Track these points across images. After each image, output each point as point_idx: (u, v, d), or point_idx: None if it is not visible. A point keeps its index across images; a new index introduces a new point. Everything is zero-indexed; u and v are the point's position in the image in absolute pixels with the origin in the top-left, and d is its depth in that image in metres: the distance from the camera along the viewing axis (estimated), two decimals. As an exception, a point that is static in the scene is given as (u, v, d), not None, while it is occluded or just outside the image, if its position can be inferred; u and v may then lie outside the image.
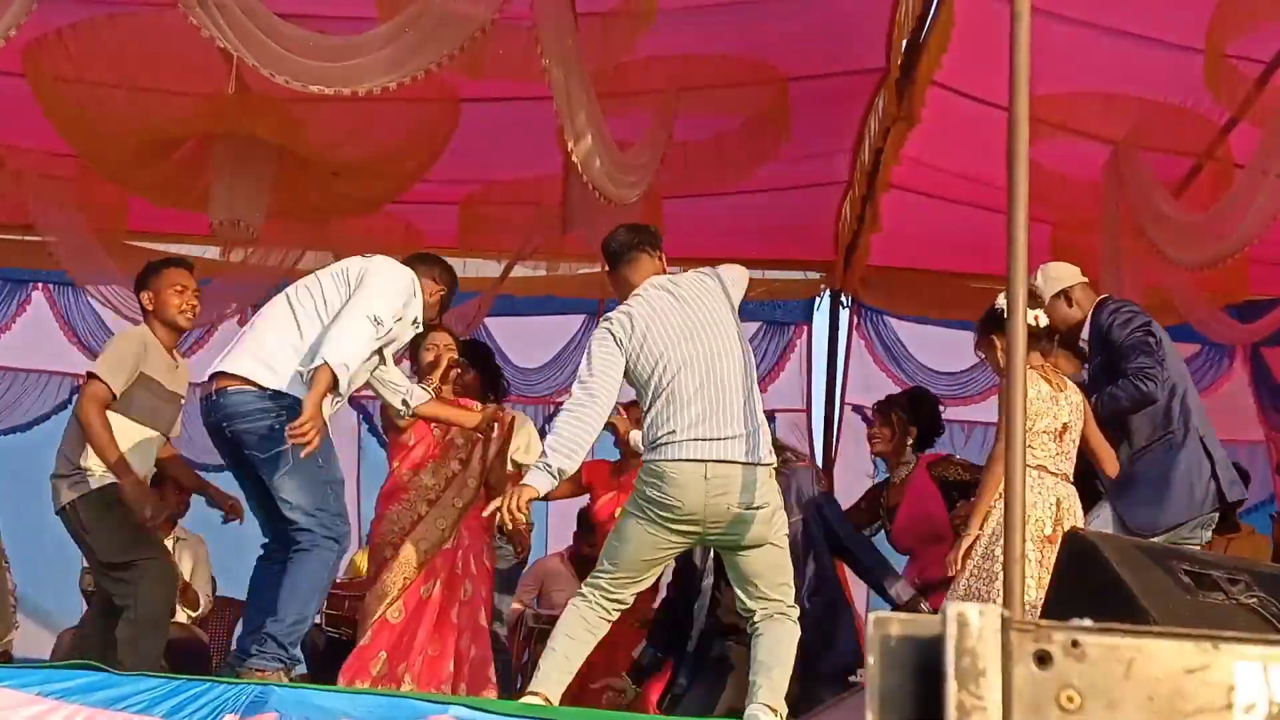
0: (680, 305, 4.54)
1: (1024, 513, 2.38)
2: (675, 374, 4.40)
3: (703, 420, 4.34)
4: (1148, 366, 5.23)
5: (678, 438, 4.33)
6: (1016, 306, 2.53)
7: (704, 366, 4.41)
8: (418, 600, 5.43)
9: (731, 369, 4.44)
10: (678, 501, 4.30)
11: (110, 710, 3.82)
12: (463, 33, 5.11)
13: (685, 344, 4.44)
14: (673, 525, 4.35)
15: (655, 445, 4.38)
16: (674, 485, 4.31)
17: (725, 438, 4.34)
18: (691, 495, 4.29)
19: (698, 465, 4.31)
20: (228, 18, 4.88)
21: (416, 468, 5.62)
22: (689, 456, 4.31)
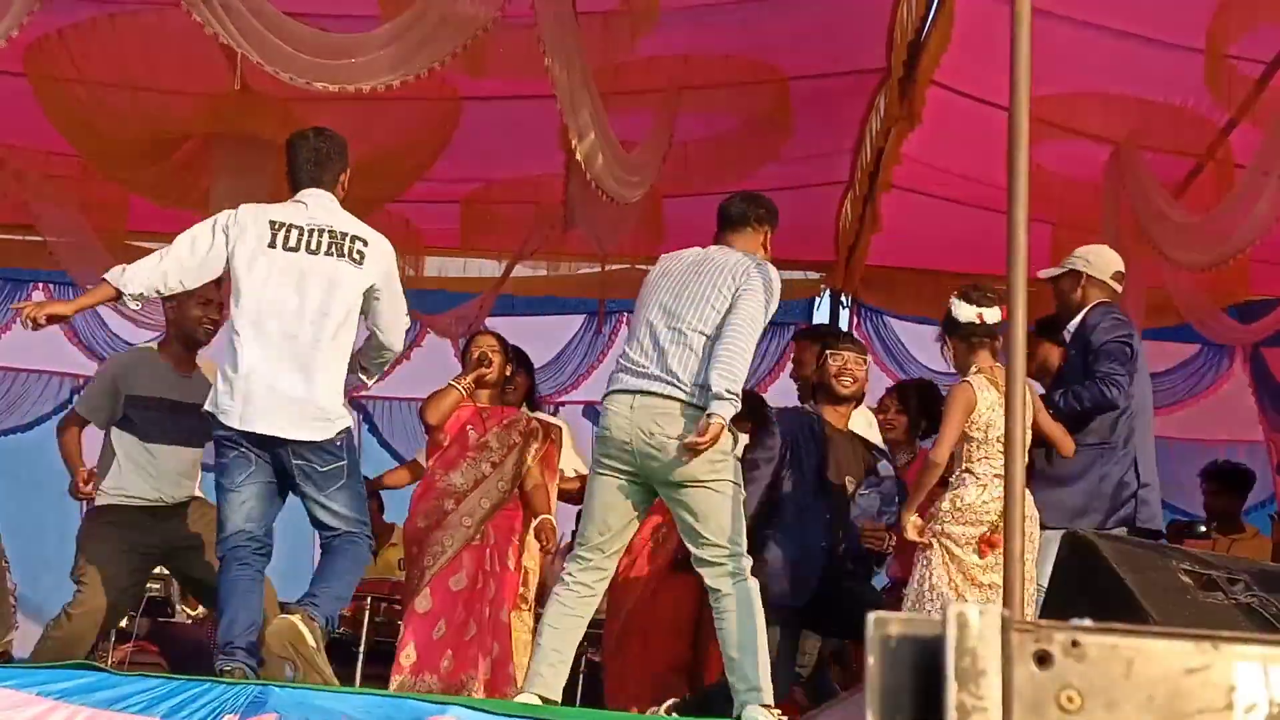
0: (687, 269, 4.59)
1: (1024, 512, 2.39)
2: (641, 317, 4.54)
3: (638, 356, 4.44)
4: (1116, 373, 5.23)
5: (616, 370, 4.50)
6: (1017, 306, 2.54)
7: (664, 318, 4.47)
8: (446, 591, 5.47)
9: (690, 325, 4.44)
10: (606, 430, 4.39)
11: (110, 710, 3.82)
12: (465, 31, 5.12)
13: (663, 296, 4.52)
14: (610, 461, 4.39)
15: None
16: (605, 416, 4.43)
17: (655, 375, 4.38)
18: (618, 424, 4.36)
19: (625, 395, 4.39)
20: (231, 15, 4.89)
21: (449, 467, 5.65)
22: (616, 388, 4.44)
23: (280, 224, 4.59)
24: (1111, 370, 5.23)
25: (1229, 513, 7.20)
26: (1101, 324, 5.34)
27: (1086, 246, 5.72)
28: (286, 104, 6.43)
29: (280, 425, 4.42)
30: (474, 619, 5.45)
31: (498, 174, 7.79)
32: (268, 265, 4.50)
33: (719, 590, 4.34)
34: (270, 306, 4.47)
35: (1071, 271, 5.54)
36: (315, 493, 4.50)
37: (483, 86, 6.47)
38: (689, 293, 4.47)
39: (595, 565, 4.45)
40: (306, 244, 4.57)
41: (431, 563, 5.52)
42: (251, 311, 4.47)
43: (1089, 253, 5.64)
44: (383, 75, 5.06)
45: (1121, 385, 5.21)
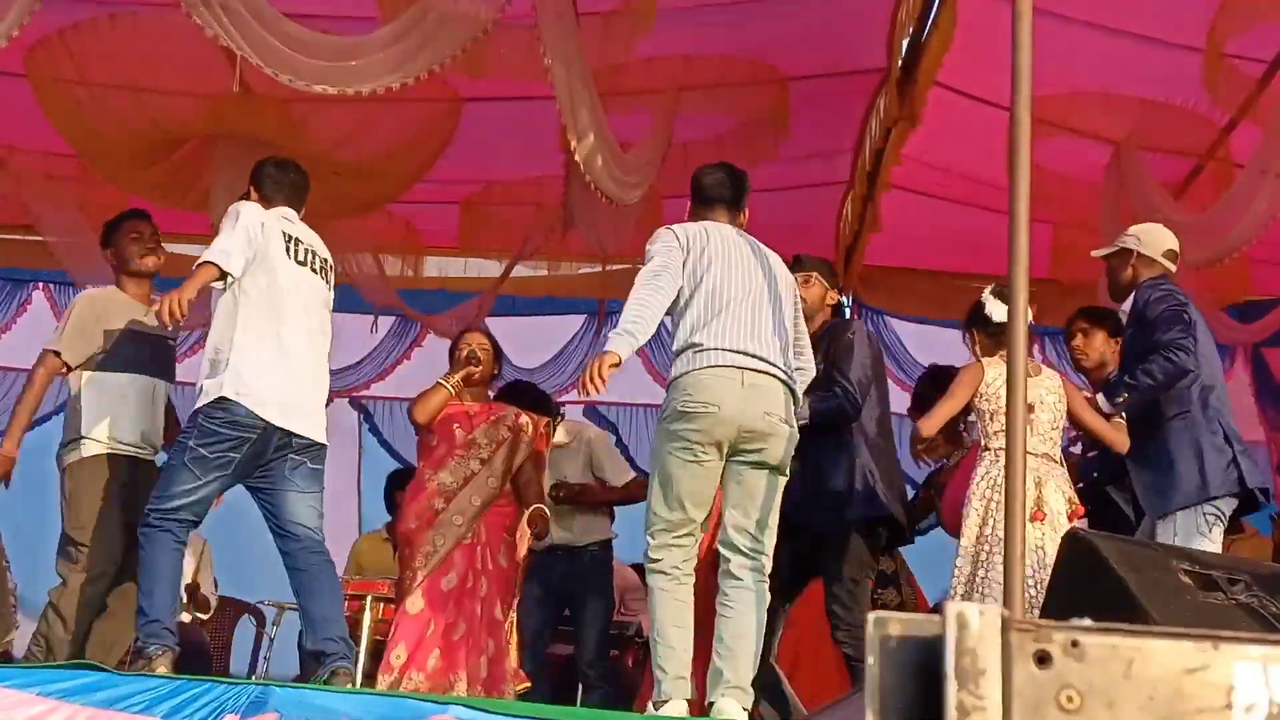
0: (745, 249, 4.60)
1: (1024, 513, 2.39)
2: (720, 290, 4.44)
3: (742, 336, 4.40)
4: (1180, 339, 5.02)
5: (712, 345, 4.37)
6: (1018, 306, 2.54)
7: (751, 297, 4.47)
8: (437, 591, 5.47)
9: (769, 306, 4.50)
10: (714, 406, 4.27)
11: (111, 710, 3.82)
12: (465, 33, 5.12)
13: (738, 273, 4.49)
14: (704, 439, 4.28)
15: (688, 353, 4.41)
16: (703, 390, 4.30)
17: (762, 356, 4.39)
18: (729, 399, 4.28)
19: (735, 371, 4.33)
20: (231, 17, 4.89)
21: (437, 466, 5.65)
22: (726, 363, 4.34)
23: (289, 236, 4.81)
24: (1174, 338, 5.03)
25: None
26: (1153, 296, 5.18)
27: (1139, 225, 5.57)
28: (286, 105, 6.44)
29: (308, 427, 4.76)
30: (464, 618, 5.44)
31: (498, 175, 7.79)
32: (288, 273, 4.75)
33: (742, 581, 4.32)
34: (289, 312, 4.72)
35: (1122, 250, 5.38)
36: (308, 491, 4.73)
37: (483, 87, 6.47)
38: (767, 286, 4.52)
39: (691, 552, 4.39)
40: (310, 262, 4.87)
41: (423, 563, 5.52)
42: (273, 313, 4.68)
43: (1140, 231, 5.47)
44: (383, 77, 5.06)
45: (1188, 348, 5.01)
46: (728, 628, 4.29)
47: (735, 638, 4.26)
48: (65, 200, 7.65)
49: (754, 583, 4.33)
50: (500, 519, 5.65)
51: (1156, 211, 6.47)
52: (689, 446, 4.29)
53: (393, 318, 9.29)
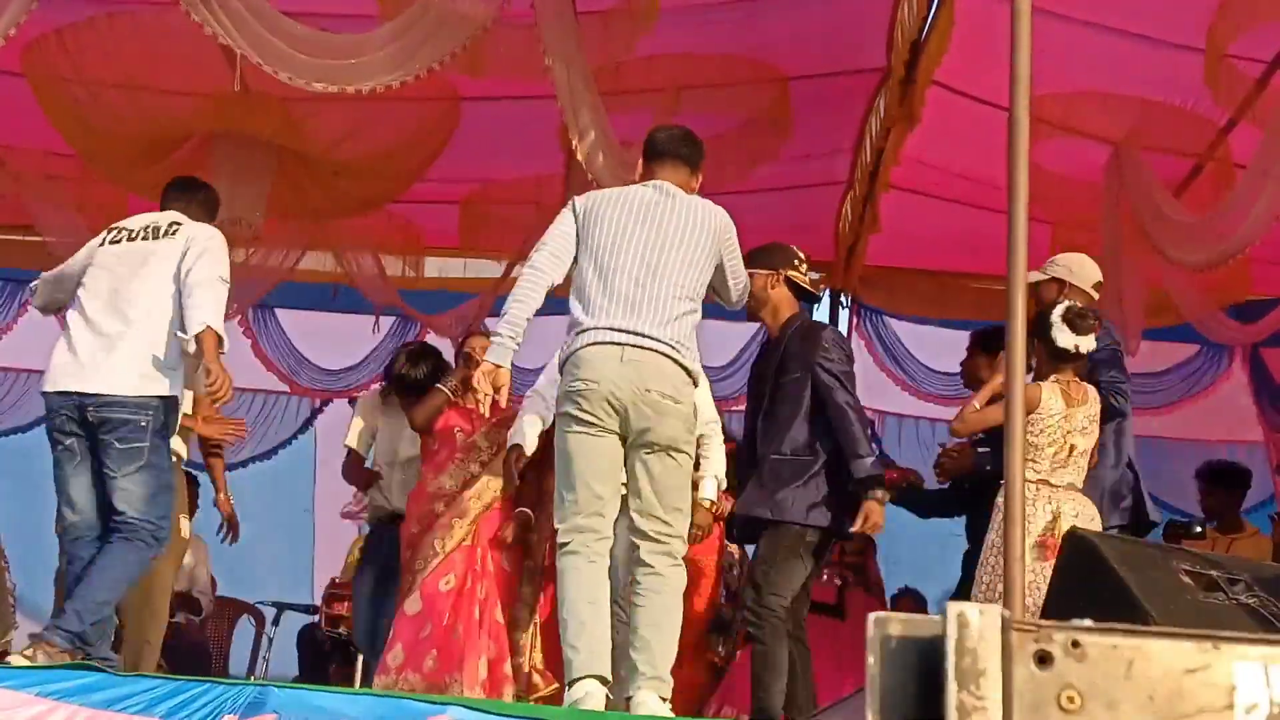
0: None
1: (1024, 513, 2.39)
2: (606, 260, 4.36)
3: (624, 310, 4.29)
4: (1119, 380, 5.21)
5: (591, 324, 4.31)
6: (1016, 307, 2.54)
7: (645, 263, 4.34)
8: (435, 593, 5.46)
9: (676, 286, 4.35)
10: (592, 383, 4.21)
11: (110, 711, 3.82)
12: (465, 31, 5.12)
13: (635, 239, 4.37)
14: (590, 417, 4.21)
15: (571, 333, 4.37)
16: (584, 367, 4.25)
17: (643, 332, 4.26)
18: (608, 375, 4.20)
19: (612, 347, 4.25)
20: (230, 15, 4.89)
21: (438, 470, 5.65)
22: (597, 340, 4.26)
23: (113, 228, 5.07)
24: (1115, 378, 5.20)
25: (1227, 511, 7.19)
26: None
27: (1067, 254, 5.70)
28: (286, 104, 6.43)
29: (102, 381, 4.72)
30: (461, 621, 5.43)
31: (498, 174, 7.78)
32: (98, 260, 4.94)
33: (652, 567, 4.24)
34: (95, 289, 4.88)
35: (1054, 279, 5.50)
36: (119, 473, 4.68)
37: (482, 86, 6.47)
38: (671, 249, 4.37)
39: (602, 533, 4.28)
40: (124, 237, 5.01)
41: (423, 565, 5.51)
42: (78, 300, 4.92)
43: (1071, 261, 5.60)
44: (382, 75, 5.06)
45: (1127, 393, 5.21)
46: (641, 616, 4.20)
47: (649, 626, 4.18)
48: (65, 200, 7.64)
49: (669, 567, 4.25)
50: (500, 522, 5.65)
51: (1157, 212, 6.47)
52: (577, 420, 4.25)
53: (393, 318, 9.29)
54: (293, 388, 9.53)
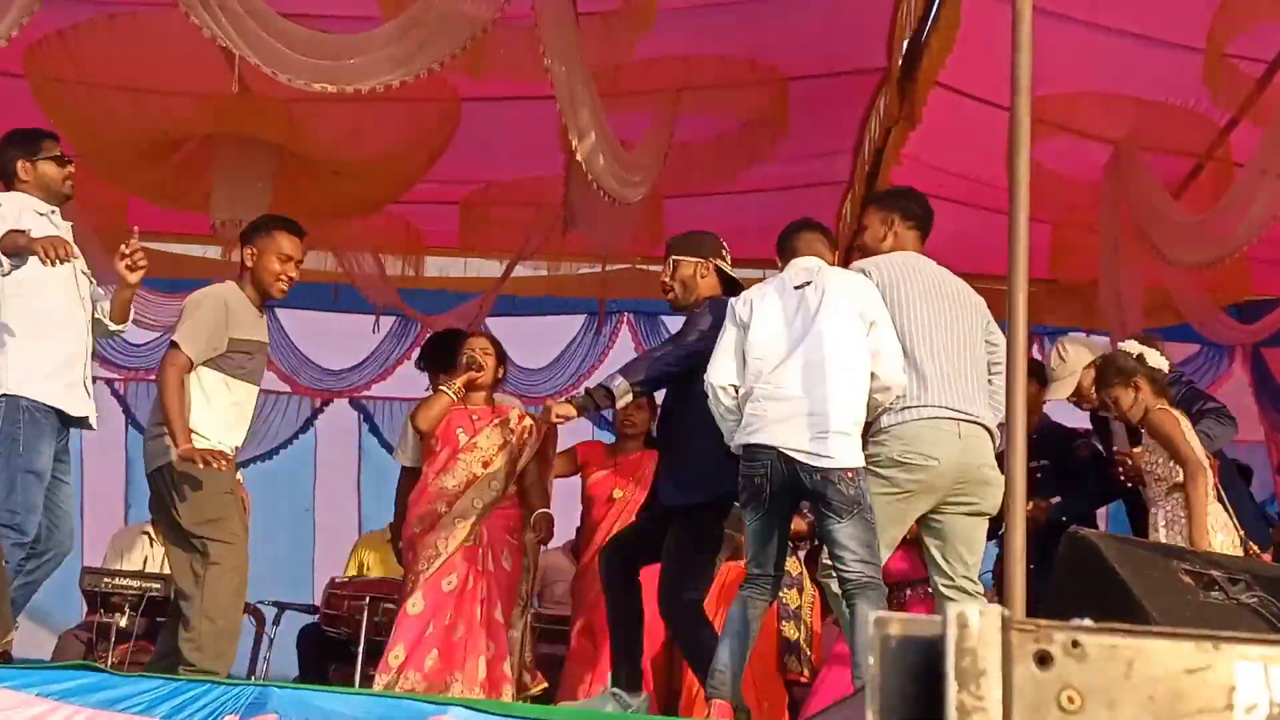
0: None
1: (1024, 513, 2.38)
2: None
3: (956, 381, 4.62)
4: (1221, 406, 5.70)
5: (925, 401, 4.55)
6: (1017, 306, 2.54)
7: (955, 344, 4.67)
8: (438, 593, 5.48)
9: (977, 357, 4.76)
10: (932, 460, 4.46)
11: (110, 711, 3.82)
12: (465, 32, 5.11)
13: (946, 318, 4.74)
14: (918, 488, 4.49)
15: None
16: (922, 443, 4.49)
17: (973, 402, 4.62)
18: (948, 453, 4.47)
19: (949, 422, 4.51)
20: (229, 17, 4.88)
21: (440, 470, 5.66)
22: (936, 415, 4.53)
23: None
24: (1218, 406, 5.69)
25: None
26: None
27: (1061, 358, 6.01)
28: (286, 105, 6.44)
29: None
30: (463, 620, 5.44)
31: (498, 175, 7.79)
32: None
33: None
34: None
35: (1083, 371, 5.81)
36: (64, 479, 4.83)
37: (483, 87, 6.47)
38: (965, 324, 4.73)
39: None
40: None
41: (425, 566, 5.52)
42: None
43: (1074, 351, 6.01)
44: (382, 76, 5.06)
45: (1230, 414, 5.66)
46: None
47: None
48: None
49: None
50: (503, 521, 5.65)
51: (1156, 212, 6.47)
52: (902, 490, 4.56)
53: (393, 318, 9.30)
54: (293, 387, 9.54)
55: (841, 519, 4.37)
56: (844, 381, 4.44)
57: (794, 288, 4.63)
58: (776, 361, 4.50)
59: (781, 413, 4.42)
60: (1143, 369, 5.19)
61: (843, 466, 4.38)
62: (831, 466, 4.37)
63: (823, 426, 4.38)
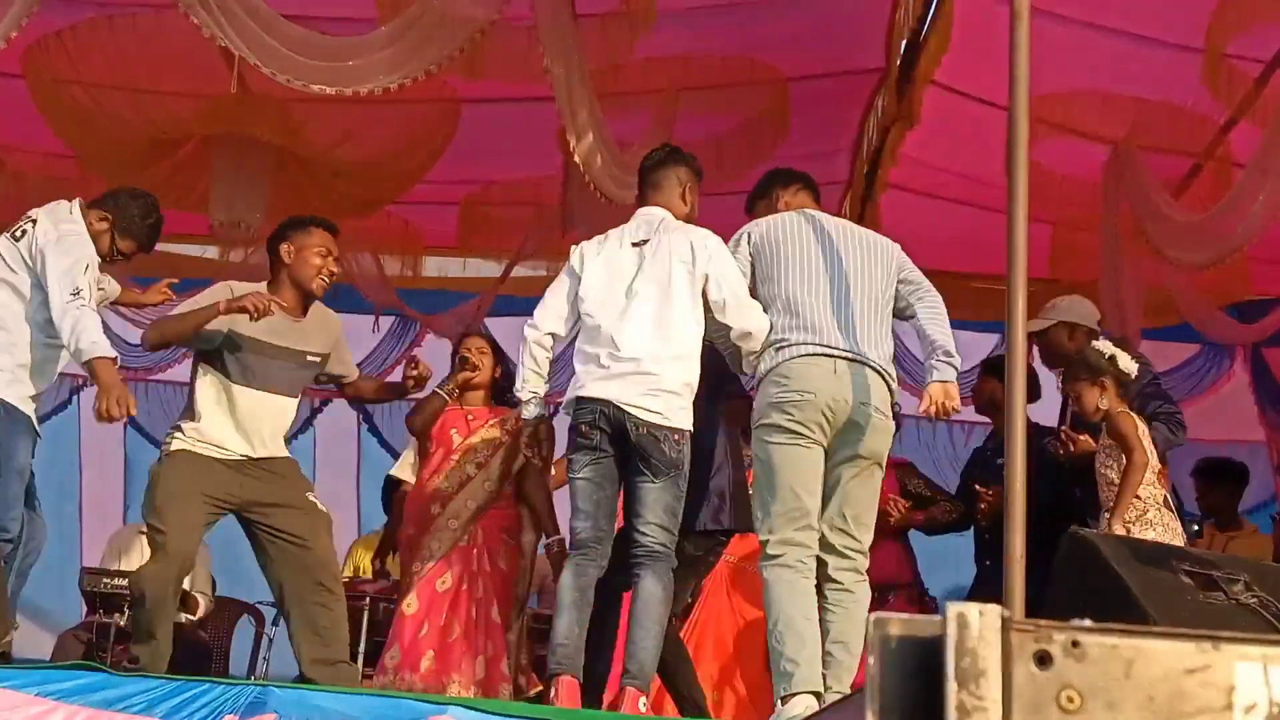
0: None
1: (1024, 513, 2.39)
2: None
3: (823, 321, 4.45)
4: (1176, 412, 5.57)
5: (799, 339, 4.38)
6: (1017, 306, 2.54)
7: (843, 288, 4.52)
8: (432, 593, 5.48)
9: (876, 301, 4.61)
10: (808, 394, 4.26)
11: (110, 711, 3.82)
12: (463, 33, 5.12)
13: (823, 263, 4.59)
14: (802, 429, 4.25)
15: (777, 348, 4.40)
16: (799, 378, 4.29)
17: (852, 347, 4.41)
18: (823, 387, 4.27)
19: (825, 359, 4.33)
20: (229, 17, 4.89)
21: (434, 471, 5.66)
22: (809, 351, 4.34)
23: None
24: (1172, 411, 5.54)
25: (1224, 508, 7.18)
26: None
27: (1061, 299, 5.98)
28: (285, 106, 6.43)
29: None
30: (458, 621, 5.44)
31: (497, 175, 7.78)
32: None
33: (841, 584, 4.28)
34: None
35: (1062, 323, 5.78)
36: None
37: (481, 88, 6.47)
38: (861, 270, 4.57)
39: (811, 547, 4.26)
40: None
41: (420, 567, 5.52)
42: None
43: (1072, 303, 5.91)
44: (381, 77, 5.06)
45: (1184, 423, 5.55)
46: (830, 632, 4.22)
47: (836, 644, 4.21)
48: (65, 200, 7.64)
49: (856, 583, 4.31)
50: (499, 521, 5.65)
51: (1156, 212, 6.47)
52: (783, 434, 4.29)
53: (392, 318, 9.29)
54: (293, 388, 9.53)
55: (656, 479, 4.35)
56: (675, 342, 4.43)
57: (631, 244, 4.62)
58: (607, 317, 4.49)
59: (613, 370, 4.41)
60: (1111, 370, 5.15)
61: (672, 425, 4.37)
62: (661, 424, 4.35)
63: (654, 385, 4.38)
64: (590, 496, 4.45)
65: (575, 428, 4.48)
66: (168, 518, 4.69)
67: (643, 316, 4.46)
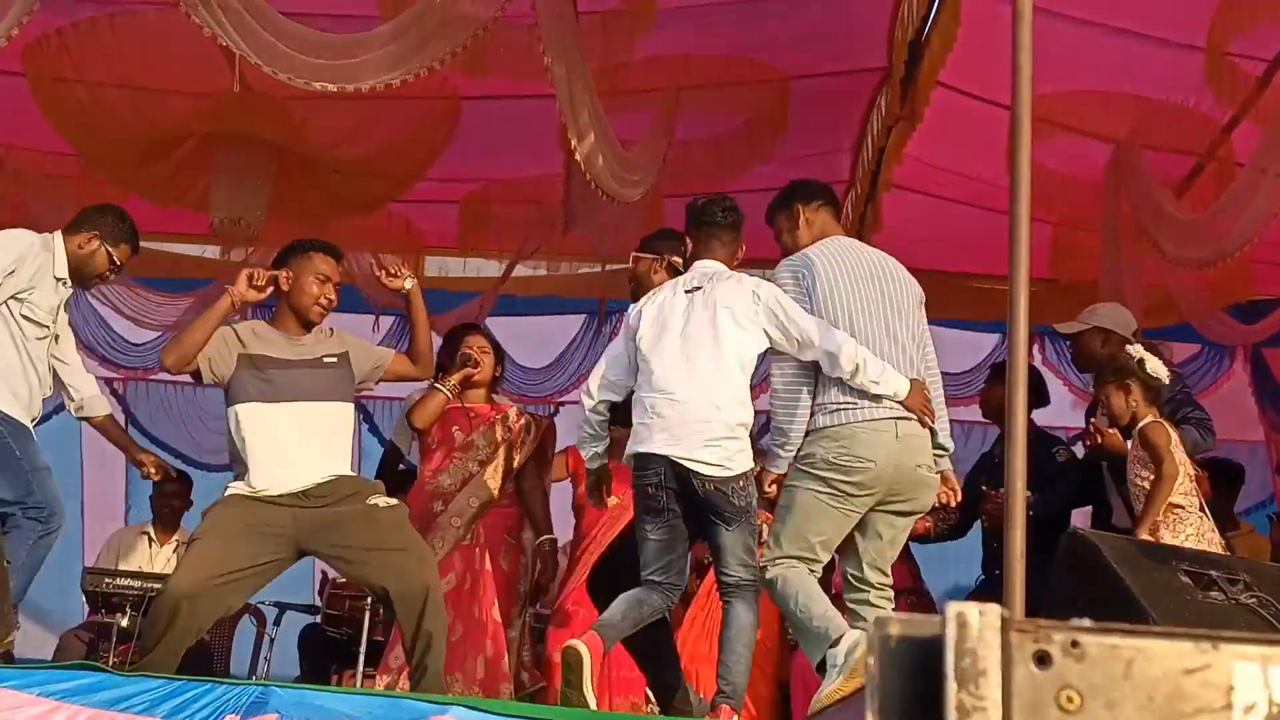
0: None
1: (1024, 513, 2.38)
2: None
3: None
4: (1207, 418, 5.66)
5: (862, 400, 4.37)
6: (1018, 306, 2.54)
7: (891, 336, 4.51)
8: None
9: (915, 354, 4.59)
10: (869, 462, 4.30)
11: (112, 711, 3.82)
12: (465, 31, 5.11)
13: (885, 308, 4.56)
14: (857, 492, 4.31)
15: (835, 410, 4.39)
16: (859, 445, 4.32)
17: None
18: (885, 455, 4.31)
19: (887, 423, 4.35)
20: (229, 16, 4.88)
21: (436, 469, 5.65)
22: (875, 415, 4.35)
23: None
24: (1202, 417, 5.64)
25: (1220, 508, 7.16)
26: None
27: (1101, 305, 6.15)
28: (286, 104, 6.43)
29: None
30: (461, 620, 5.44)
31: (498, 174, 7.78)
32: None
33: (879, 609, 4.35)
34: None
35: (1097, 329, 5.92)
36: None
37: (483, 86, 6.47)
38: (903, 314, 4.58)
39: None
40: None
41: None
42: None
43: (1113, 311, 6.05)
44: (382, 75, 5.05)
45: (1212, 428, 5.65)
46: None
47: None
48: (65, 200, 7.63)
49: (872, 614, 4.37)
50: (501, 520, 5.64)
51: (1157, 211, 6.46)
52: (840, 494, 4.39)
53: (392, 318, 9.29)
54: (294, 387, 9.52)
55: (730, 527, 4.40)
56: (729, 385, 4.43)
57: (685, 292, 4.64)
58: (659, 366, 4.50)
59: (670, 420, 4.42)
60: (1139, 374, 5.19)
61: (734, 474, 4.40)
62: (724, 475, 4.38)
63: (711, 435, 4.39)
64: (662, 558, 4.50)
65: (639, 489, 4.50)
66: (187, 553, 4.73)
67: (694, 360, 4.48)
